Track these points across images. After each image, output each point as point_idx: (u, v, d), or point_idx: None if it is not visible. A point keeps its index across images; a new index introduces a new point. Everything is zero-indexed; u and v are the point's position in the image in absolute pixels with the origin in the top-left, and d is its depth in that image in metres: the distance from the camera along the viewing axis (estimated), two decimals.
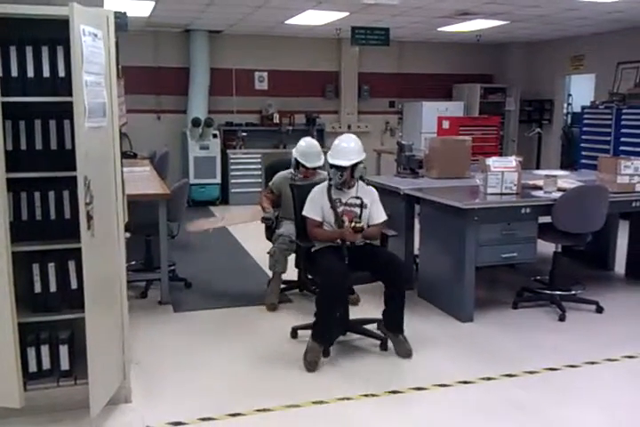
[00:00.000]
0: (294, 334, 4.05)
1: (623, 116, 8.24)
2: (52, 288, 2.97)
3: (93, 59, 2.75)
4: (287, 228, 4.61)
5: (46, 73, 2.82)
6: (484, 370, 3.49)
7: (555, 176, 4.82)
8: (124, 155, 7.00)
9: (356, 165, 3.83)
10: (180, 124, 9.43)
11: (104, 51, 2.88)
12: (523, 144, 10.70)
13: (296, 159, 4.72)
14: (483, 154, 5.78)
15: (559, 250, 4.80)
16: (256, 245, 6.71)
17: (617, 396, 3.34)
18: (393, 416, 3.08)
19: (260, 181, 9.38)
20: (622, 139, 8.21)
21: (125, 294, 3.11)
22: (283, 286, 4.86)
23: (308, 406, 3.17)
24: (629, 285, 5.38)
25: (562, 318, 4.44)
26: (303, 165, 4.68)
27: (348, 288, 4.07)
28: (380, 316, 3.92)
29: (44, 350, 3.03)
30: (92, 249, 2.74)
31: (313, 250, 3.94)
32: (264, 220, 4.74)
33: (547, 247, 4.85)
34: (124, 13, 7.12)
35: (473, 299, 4.37)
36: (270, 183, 4.93)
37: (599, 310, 4.62)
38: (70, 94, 2.63)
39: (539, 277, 5.06)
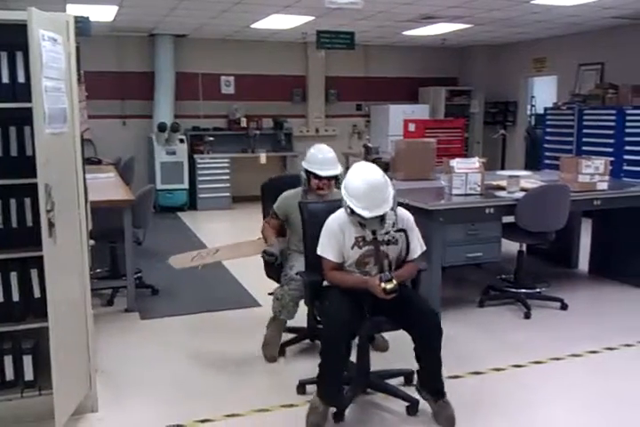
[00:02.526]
0: (302, 389, 3.32)
1: (585, 117, 8.40)
2: (15, 297, 2.92)
3: (53, 64, 2.72)
4: (300, 266, 3.52)
5: (5, 79, 2.78)
6: (451, 368, 3.51)
7: (518, 176, 4.89)
8: (88, 161, 6.97)
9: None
10: (146, 129, 9.35)
11: (64, 56, 2.85)
12: (488, 146, 10.85)
13: (306, 171, 3.79)
14: (448, 156, 5.83)
15: (523, 249, 4.88)
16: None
17: (581, 390, 3.40)
18: None
19: (228, 185, 9.39)
20: (584, 139, 8.37)
21: (90, 302, 3.08)
22: (290, 335, 3.99)
23: (276, 410, 3.17)
24: (593, 282, 5.49)
25: (527, 316, 4.51)
26: (315, 175, 3.72)
27: (367, 337, 3.27)
28: (410, 365, 3.21)
29: (8, 360, 2.98)
30: (55, 257, 2.70)
31: (324, 284, 3.21)
32: (266, 255, 3.77)
33: (511, 246, 4.92)
34: (87, 18, 7.06)
35: (439, 298, 4.41)
36: (274, 206, 3.93)
37: (564, 307, 4.70)
38: (30, 100, 2.60)
39: (504, 276, 5.14)
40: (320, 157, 3.79)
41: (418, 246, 3.11)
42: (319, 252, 3.10)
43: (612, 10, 7.28)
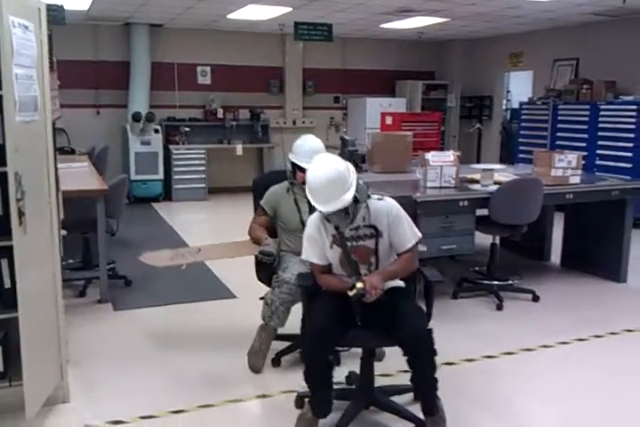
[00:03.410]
0: (300, 402, 3.01)
1: (559, 112, 8.50)
2: None
3: (24, 51, 2.67)
4: (294, 268, 3.33)
5: None
6: None
7: (492, 170, 4.94)
8: (61, 150, 6.88)
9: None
10: (121, 118, 9.24)
11: (36, 43, 2.81)
12: (463, 140, 10.93)
13: (292, 163, 3.62)
14: (424, 149, 5.86)
15: (497, 242, 4.93)
16: (198, 239, 6.68)
17: (551, 380, 3.45)
18: None
19: (203, 176, 9.33)
20: (558, 133, 8.47)
21: (61, 293, 3.05)
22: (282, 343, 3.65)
23: (251, 400, 3.18)
24: (564, 274, 5.56)
25: (499, 308, 4.56)
26: (300, 168, 3.51)
27: (369, 350, 2.94)
28: None
29: None
30: (25, 247, 2.67)
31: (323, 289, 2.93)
32: (263, 255, 3.41)
33: (485, 239, 4.97)
34: (61, 6, 6.97)
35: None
36: (261, 202, 3.66)
37: (535, 298, 4.76)
38: (0, 88, 2.56)
39: (477, 268, 5.20)
40: (306, 148, 3.60)
41: (408, 235, 2.82)
42: (303, 256, 2.93)
43: (587, 6, 7.35)
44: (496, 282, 4.86)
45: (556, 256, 5.90)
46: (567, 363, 3.71)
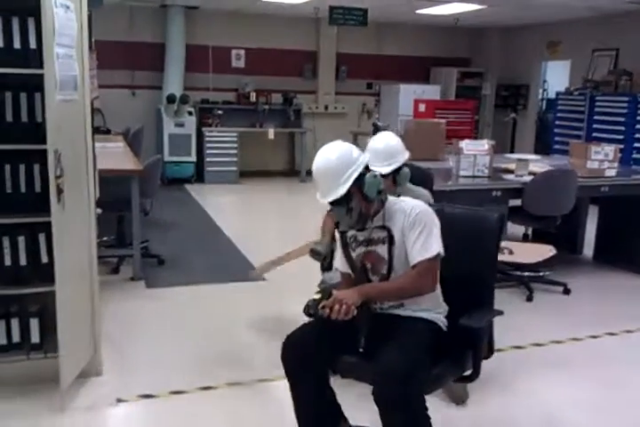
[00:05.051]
0: None
1: (596, 103, 8.35)
2: (22, 262, 2.95)
3: (65, 31, 2.72)
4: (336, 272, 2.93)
5: (17, 44, 2.77)
6: None
7: (526, 160, 4.89)
8: (97, 130, 6.96)
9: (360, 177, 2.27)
10: (155, 100, 9.32)
11: (76, 23, 2.85)
12: (498, 129, 10.79)
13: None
14: (458, 138, 5.81)
15: (529, 233, 4.89)
16: (230, 222, 6.76)
17: (580, 372, 3.44)
18: None
19: (235, 159, 9.38)
20: (595, 125, 8.33)
21: (96, 269, 3.11)
22: None
23: (279, 380, 3.21)
24: (597, 268, 5.50)
25: (529, 299, 4.53)
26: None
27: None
28: None
29: (14, 323, 3.02)
30: (63, 223, 2.73)
31: None
32: (313, 254, 3.29)
33: (518, 230, 4.93)
34: None
35: None
36: None
37: (566, 291, 4.72)
38: (41, 66, 2.61)
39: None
40: (372, 149, 3.23)
41: (417, 248, 2.24)
42: (335, 263, 2.63)
43: None
44: (527, 273, 4.82)
45: (588, 250, 5.83)
46: (597, 356, 3.68)
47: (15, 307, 3.03)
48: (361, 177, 2.25)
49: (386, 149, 3.18)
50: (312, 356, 2.24)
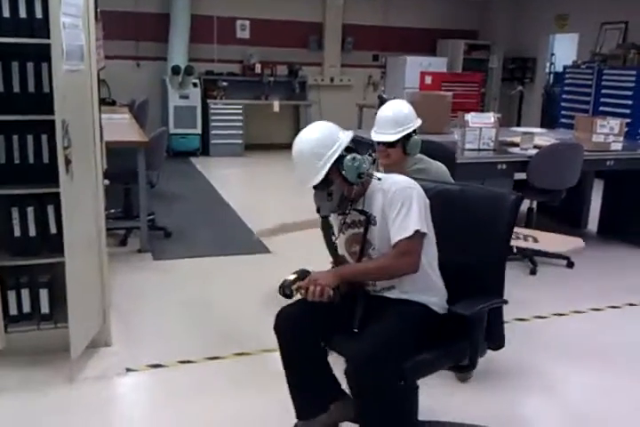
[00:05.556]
0: None
1: (604, 77, 8.27)
2: (32, 233, 2.98)
3: (71, 0, 2.69)
4: None
5: (23, 13, 2.76)
6: None
7: (532, 133, 4.87)
8: (103, 102, 6.93)
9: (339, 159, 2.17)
10: (160, 71, 9.25)
11: None
12: (504, 102, 10.71)
13: None
14: (464, 111, 5.77)
15: (534, 206, 4.89)
16: (235, 194, 6.78)
17: (582, 344, 3.48)
18: None
19: (240, 132, 9.34)
20: (602, 99, 8.26)
21: (104, 239, 3.14)
22: None
23: None
24: (601, 242, 5.51)
25: (533, 272, 4.56)
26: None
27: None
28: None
29: (25, 293, 3.06)
30: (71, 193, 2.75)
31: None
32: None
33: (522, 204, 4.92)
34: None
35: None
36: None
37: (570, 265, 4.74)
38: (47, 36, 2.59)
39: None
40: (380, 116, 3.16)
41: (395, 227, 2.16)
42: None
43: None
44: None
45: (593, 224, 5.84)
46: (599, 329, 3.72)
47: (25, 278, 3.06)
48: (341, 159, 2.15)
49: (394, 117, 3.10)
50: (305, 330, 2.22)
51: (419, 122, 3.17)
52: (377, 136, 3.14)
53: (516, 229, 3.55)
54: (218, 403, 2.79)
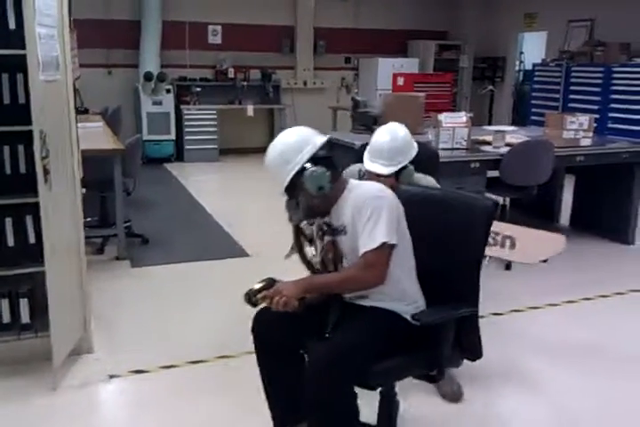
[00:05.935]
0: None
1: (572, 74, 8.44)
2: (10, 243, 2.98)
3: (46, 10, 2.72)
4: None
5: None
6: None
7: (503, 132, 4.96)
8: (76, 110, 6.90)
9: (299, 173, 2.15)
10: (132, 78, 9.22)
11: (56, 2, 2.84)
12: (475, 101, 10.85)
13: None
14: (436, 110, 5.86)
15: (507, 203, 4.99)
16: (212, 199, 6.79)
17: (556, 336, 3.58)
18: None
19: (215, 137, 9.35)
20: (571, 96, 8.43)
21: (84, 248, 3.16)
22: None
23: None
24: (573, 236, 5.60)
25: (508, 267, 4.65)
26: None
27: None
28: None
29: (4, 303, 3.06)
30: (50, 202, 2.76)
31: None
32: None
33: (495, 200, 5.02)
34: None
35: None
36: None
37: (544, 259, 4.83)
38: (22, 47, 2.61)
39: None
40: (376, 146, 3.02)
41: (363, 238, 2.11)
42: None
43: None
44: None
45: (565, 218, 5.97)
46: (573, 320, 3.81)
47: (5, 288, 3.06)
48: (302, 172, 2.12)
49: (390, 148, 2.96)
50: (281, 333, 2.22)
51: (414, 151, 3.02)
52: (371, 166, 2.99)
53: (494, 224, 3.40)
54: (202, 406, 2.82)
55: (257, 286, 2.15)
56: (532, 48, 10.55)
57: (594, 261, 4.93)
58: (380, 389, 2.26)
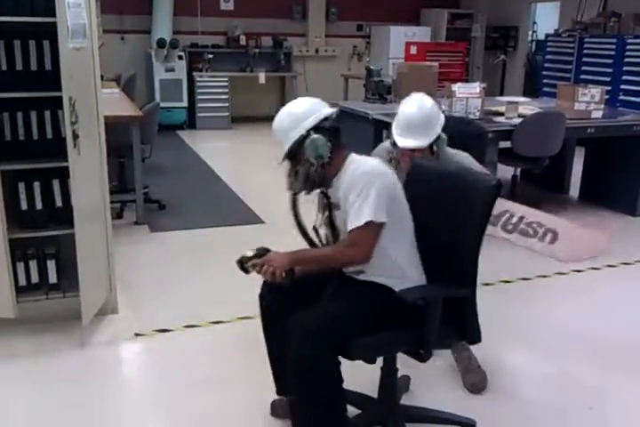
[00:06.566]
0: None
1: (585, 45, 8.37)
2: (38, 206, 3.09)
3: None
4: None
5: None
6: None
7: (516, 103, 5.00)
8: None
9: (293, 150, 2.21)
10: (145, 45, 9.22)
11: None
12: (488, 71, 10.81)
13: None
14: (449, 80, 5.89)
15: (517, 173, 5.06)
16: (224, 166, 6.89)
17: (565, 305, 3.69)
18: None
19: (227, 105, 9.37)
20: (583, 67, 8.38)
21: (109, 211, 3.25)
22: None
23: None
24: (582, 207, 5.71)
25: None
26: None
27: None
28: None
29: (33, 264, 3.17)
30: (79, 167, 2.85)
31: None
32: None
33: (506, 171, 5.09)
34: None
35: None
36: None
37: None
38: (48, 15, 2.67)
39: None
40: (402, 117, 2.88)
41: (351, 216, 2.12)
42: None
43: None
44: None
45: (574, 190, 6.03)
46: (581, 289, 3.92)
47: (33, 250, 3.18)
48: (303, 140, 2.16)
49: (422, 119, 2.82)
50: (286, 302, 2.24)
51: (442, 119, 2.89)
52: (404, 142, 2.83)
53: (529, 211, 2.99)
54: (226, 363, 2.96)
55: (249, 254, 2.20)
56: (546, 18, 10.47)
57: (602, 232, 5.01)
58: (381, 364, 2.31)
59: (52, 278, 3.23)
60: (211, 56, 9.35)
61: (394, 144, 2.90)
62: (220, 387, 2.77)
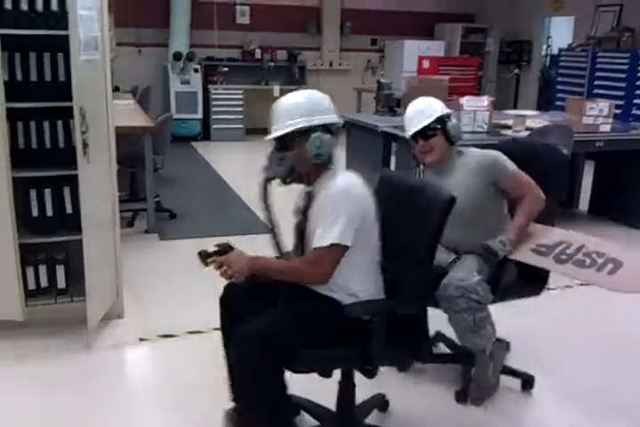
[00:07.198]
0: None
1: (598, 60, 8.40)
2: (49, 212, 3.18)
3: None
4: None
5: (39, 7, 2.92)
6: None
7: (524, 116, 5.04)
8: None
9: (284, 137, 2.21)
10: (161, 57, 9.38)
11: None
12: (501, 85, 10.84)
13: None
14: (461, 94, 5.95)
15: None
16: (237, 178, 6.97)
17: (568, 316, 3.72)
18: None
19: (241, 117, 9.49)
20: (596, 82, 8.41)
21: (118, 219, 3.34)
22: None
23: None
24: (592, 221, 5.70)
25: None
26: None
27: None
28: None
29: (42, 269, 3.27)
30: (88, 175, 2.94)
31: None
32: None
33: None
34: None
35: None
36: None
37: None
38: (63, 28, 2.78)
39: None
40: (404, 117, 2.96)
41: (317, 234, 2.12)
42: None
43: None
44: None
45: (584, 203, 6.03)
46: (587, 296, 3.93)
47: (42, 255, 3.27)
48: (310, 132, 2.14)
49: (418, 107, 2.89)
50: (246, 307, 2.22)
51: (443, 109, 2.89)
52: (410, 131, 2.89)
53: (592, 240, 2.68)
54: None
55: (210, 250, 2.21)
56: (560, 32, 10.50)
57: None
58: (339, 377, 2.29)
59: (61, 283, 3.32)
60: (226, 69, 9.48)
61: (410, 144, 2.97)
62: (223, 392, 2.81)
